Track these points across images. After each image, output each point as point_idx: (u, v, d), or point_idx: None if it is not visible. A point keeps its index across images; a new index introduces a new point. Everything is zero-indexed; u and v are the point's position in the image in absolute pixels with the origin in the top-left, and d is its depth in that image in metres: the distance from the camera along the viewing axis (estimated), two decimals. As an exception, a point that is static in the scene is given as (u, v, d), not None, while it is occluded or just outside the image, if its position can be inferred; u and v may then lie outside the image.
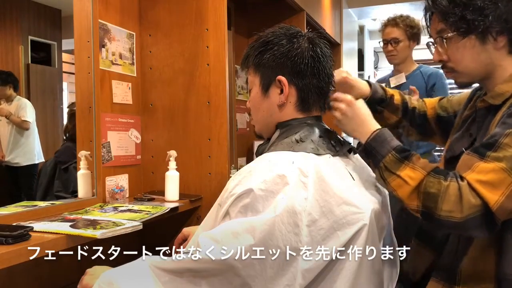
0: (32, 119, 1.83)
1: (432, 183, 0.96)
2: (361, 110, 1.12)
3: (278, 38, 1.10)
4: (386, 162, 1.03)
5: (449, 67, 1.12)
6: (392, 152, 1.03)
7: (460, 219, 0.93)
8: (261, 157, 1.07)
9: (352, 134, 1.13)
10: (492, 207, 0.91)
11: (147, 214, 1.47)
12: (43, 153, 1.90)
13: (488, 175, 0.93)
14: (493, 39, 1.04)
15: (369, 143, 1.08)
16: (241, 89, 2.83)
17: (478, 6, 1.02)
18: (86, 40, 1.65)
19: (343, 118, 1.13)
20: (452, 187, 0.94)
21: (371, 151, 1.07)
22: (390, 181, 1.02)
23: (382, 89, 1.35)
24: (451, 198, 0.94)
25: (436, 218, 0.96)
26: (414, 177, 0.99)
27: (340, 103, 1.13)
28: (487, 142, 0.97)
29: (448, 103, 1.34)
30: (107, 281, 0.92)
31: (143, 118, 1.97)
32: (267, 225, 0.90)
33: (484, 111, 1.09)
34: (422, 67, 2.54)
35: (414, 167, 1.00)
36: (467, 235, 1.04)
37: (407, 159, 1.01)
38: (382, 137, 1.07)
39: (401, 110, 1.37)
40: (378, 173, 1.06)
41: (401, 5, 4.86)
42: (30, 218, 1.35)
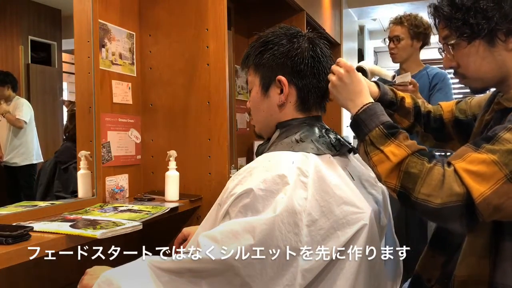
0: (29, 119, 1.83)
1: (415, 163, 0.92)
2: (358, 80, 1.07)
3: (278, 38, 1.11)
4: (372, 136, 0.99)
5: (460, 73, 1.08)
6: (380, 126, 0.99)
7: (437, 205, 0.88)
8: (261, 157, 1.07)
9: (344, 103, 1.08)
10: (475, 198, 0.86)
11: (147, 214, 1.47)
12: (43, 153, 1.90)
13: (478, 165, 0.88)
14: (501, 41, 1.00)
15: (358, 115, 1.03)
16: (241, 89, 2.83)
17: (480, 9, 0.98)
18: (86, 40, 1.65)
19: (338, 84, 1.07)
20: (436, 170, 0.90)
21: (360, 124, 1.02)
22: (372, 156, 0.98)
23: (392, 91, 1.29)
24: (432, 182, 0.89)
25: (413, 201, 0.91)
26: (397, 153, 0.94)
27: (341, 68, 1.08)
28: (487, 136, 0.93)
29: (467, 105, 1.28)
30: (107, 281, 0.92)
31: (143, 118, 1.97)
32: (267, 225, 0.90)
33: (500, 114, 1.04)
34: (428, 68, 2.53)
35: (400, 144, 0.95)
36: (443, 225, 0.99)
37: (393, 135, 0.97)
38: (373, 111, 1.02)
39: (413, 114, 1.31)
40: (362, 147, 1.01)
41: (401, 5, 4.87)
42: (30, 218, 1.35)
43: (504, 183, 0.86)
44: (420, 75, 2.49)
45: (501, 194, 0.86)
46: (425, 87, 2.42)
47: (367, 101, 1.05)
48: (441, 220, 0.93)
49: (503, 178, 0.86)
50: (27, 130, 1.85)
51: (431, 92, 2.43)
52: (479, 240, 1.02)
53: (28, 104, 1.82)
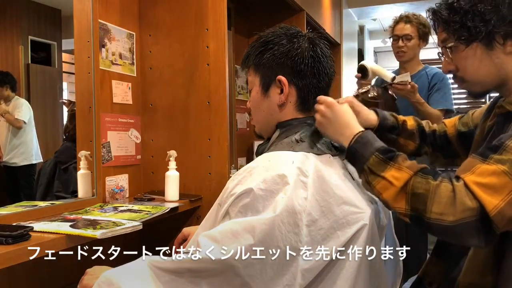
0: (28, 119, 1.83)
1: (420, 183, 0.90)
2: (343, 113, 1.06)
3: (278, 38, 1.11)
4: (370, 164, 0.96)
5: (459, 77, 1.07)
6: (375, 153, 0.97)
7: (451, 223, 0.85)
8: (261, 157, 1.07)
9: (333, 137, 1.07)
10: (489, 212, 0.83)
11: (147, 214, 1.47)
12: (43, 153, 1.90)
13: (488, 177, 0.86)
14: (500, 44, 0.99)
15: (351, 146, 1.01)
16: (241, 89, 2.83)
17: (478, 12, 0.97)
18: (86, 40, 1.65)
19: (323, 121, 1.06)
20: (443, 187, 0.87)
21: (355, 155, 1.00)
22: (375, 184, 0.95)
23: (392, 116, 1.27)
24: (442, 200, 0.87)
25: (426, 222, 0.88)
26: (399, 177, 0.92)
27: (320, 105, 1.07)
28: (493, 145, 0.91)
29: (468, 118, 1.27)
30: (107, 281, 0.92)
31: (143, 118, 1.97)
32: (267, 225, 0.90)
33: (502, 118, 1.03)
34: (428, 68, 2.52)
35: (400, 167, 0.93)
36: (460, 242, 0.96)
37: (392, 159, 0.95)
38: (365, 139, 1.00)
39: (418, 136, 1.29)
40: (363, 178, 0.99)
41: (401, 5, 4.87)
42: (30, 218, 1.35)
43: None
44: (419, 75, 2.48)
45: None
46: (424, 87, 2.42)
47: (356, 130, 1.03)
48: (457, 238, 0.89)
49: None
50: (26, 130, 1.85)
51: (430, 92, 2.42)
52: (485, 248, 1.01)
53: (27, 104, 1.82)
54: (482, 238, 0.86)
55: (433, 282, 1.17)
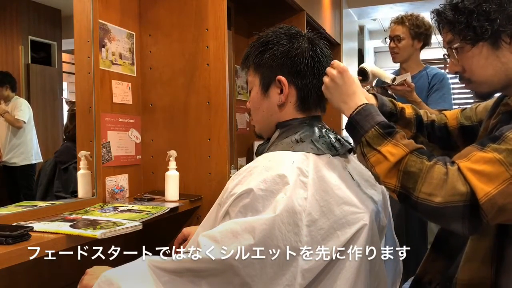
0: (27, 119, 1.82)
1: (414, 162, 0.90)
2: (352, 81, 1.05)
3: (278, 38, 1.11)
4: (368, 136, 0.96)
5: (465, 78, 1.07)
6: (375, 127, 0.97)
7: (438, 204, 0.85)
8: (261, 157, 1.07)
9: (337, 105, 1.06)
10: (480, 198, 0.83)
11: (147, 214, 1.47)
12: (43, 153, 1.90)
13: (483, 165, 0.86)
14: (506, 43, 0.98)
15: (353, 116, 1.01)
16: (241, 89, 2.83)
17: (483, 11, 0.97)
18: (86, 40, 1.65)
19: (331, 85, 1.05)
20: (437, 169, 0.87)
21: (355, 126, 1.00)
22: (370, 157, 0.95)
23: (391, 102, 1.28)
24: (433, 181, 0.87)
25: (413, 200, 0.88)
26: (395, 153, 0.92)
27: (333, 70, 1.06)
28: (493, 135, 0.91)
29: (472, 112, 1.26)
30: (107, 281, 0.92)
31: (143, 118, 1.97)
32: (267, 225, 0.90)
33: (507, 116, 1.02)
34: (428, 68, 2.52)
35: (397, 143, 0.93)
36: (444, 225, 0.96)
37: (390, 135, 0.95)
38: (367, 111, 1.00)
39: (415, 125, 1.29)
40: (358, 149, 0.99)
41: (401, 5, 4.87)
42: (30, 218, 1.35)
43: (511, 183, 0.84)
44: (419, 76, 2.48)
45: (506, 195, 0.84)
46: (424, 88, 2.42)
47: (361, 102, 1.03)
48: (442, 220, 0.89)
49: (509, 178, 0.85)
50: (26, 130, 1.84)
51: (429, 93, 2.42)
52: (482, 243, 1.01)
53: (27, 104, 1.82)
54: (466, 225, 0.86)
55: (432, 280, 1.17)
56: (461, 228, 0.87)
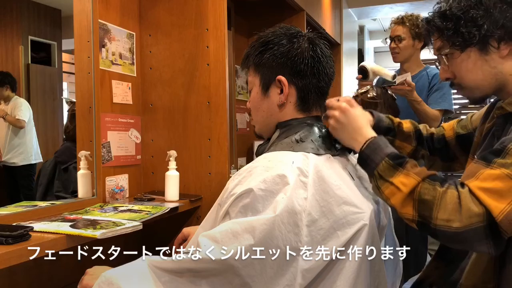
0: (28, 119, 1.82)
1: (427, 190, 0.90)
2: (356, 118, 1.08)
3: (278, 38, 1.10)
4: (380, 169, 0.98)
5: (456, 84, 1.08)
6: (385, 159, 0.98)
7: (457, 229, 0.86)
8: (261, 157, 1.07)
9: (347, 143, 1.08)
10: (496, 216, 0.83)
11: (147, 214, 1.47)
12: (43, 153, 1.90)
13: (493, 182, 0.86)
14: (494, 48, 1.00)
15: (363, 151, 1.03)
16: (241, 89, 2.83)
17: (470, 18, 0.99)
18: (86, 40, 1.65)
19: (337, 126, 1.08)
20: (450, 194, 0.88)
21: (366, 160, 1.02)
22: (384, 189, 0.96)
23: (388, 118, 1.28)
24: (448, 206, 0.87)
25: (432, 228, 0.89)
26: (407, 183, 0.93)
27: (334, 111, 1.09)
28: (495, 149, 0.91)
29: (467, 121, 1.27)
30: (107, 281, 0.92)
31: (143, 118, 1.97)
32: (267, 225, 0.90)
33: (502, 120, 1.03)
34: (428, 68, 2.52)
35: (408, 173, 0.94)
36: (470, 249, 0.97)
37: (401, 165, 0.96)
38: (376, 145, 1.02)
39: (414, 138, 1.29)
40: (373, 183, 1.01)
41: (401, 5, 4.87)
42: (30, 218, 1.35)
43: None
44: (420, 76, 2.48)
45: None
46: (424, 88, 2.42)
47: (369, 136, 1.04)
48: (466, 244, 0.89)
49: None
50: (26, 130, 1.84)
51: (429, 93, 2.42)
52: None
53: (27, 104, 1.82)
54: (491, 244, 0.86)
55: (433, 284, 1.18)
56: (487, 249, 0.87)
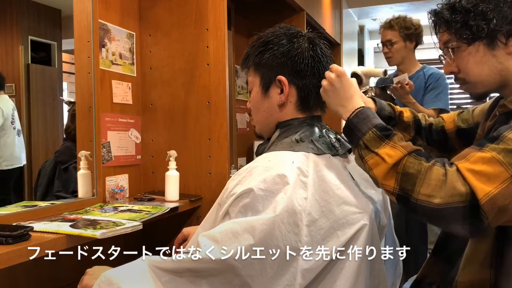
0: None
1: (412, 163, 0.89)
2: (350, 86, 1.05)
3: (278, 38, 1.11)
4: (366, 139, 0.96)
5: (460, 78, 1.07)
6: (373, 129, 0.97)
7: (437, 205, 0.84)
8: (261, 156, 1.07)
9: (335, 108, 1.06)
10: (480, 198, 0.82)
11: (147, 214, 1.47)
12: (43, 153, 1.89)
13: (483, 165, 0.85)
14: (502, 43, 0.99)
15: (350, 120, 1.01)
16: (241, 89, 2.83)
17: (479, 11, 0.98)
18: (86, 40, 1.65)
19: (329, 89, 1.05)
20: (435, 170, 0.87)
21: (352, 129, 1.00)
22: (368, 159, 0.95)
23: (390, 106, 1.28)
24: (432, 182, 0.86)
25: (412, 202, 0.88)
26: (392, 155, 0.92)
27: (331, 73, 1.06)
28: (491, 136, 0.91)
29: (469, 114, 1.27)
30: (107, 281, 0.92)
31: (143, 118, 1.97)
32: (267, 225, 0.90)
33: (504, 117, 1.02)
34: (425, 68, 2.52)
35: (395, 145, 0.93)
36: (444, 227, 0.96)
37: (388, 137, 0.95)
38: (365, 114, 1.00)
39: (413, 128, 1.29)
40: (357, 152, 1.00)
41: (401, 5, 4.87)
42: (30, 218, 1.35)
43: (511, 183, 0.84)
44: (416, 76, 2.49)
45: (507, 195, 0.83)
46: (421, 87, 2.42)
47: (358, 105, 1.03)
48: (442, 222, 0.89)
49: (509, 178, 0.84)
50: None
51: (425, 92, 2.43)
52: (482, 246, 1.00)
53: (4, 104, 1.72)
54: (467, 226, 0.85)
55: (433, 282, 1.18)
56: (462, 230, 0.86)
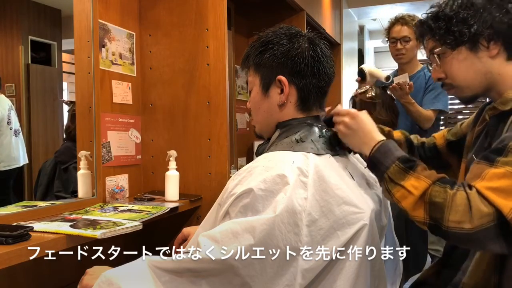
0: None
1: (438, 192, 0.91)
2: (366, 122, 1.09)
3: (278, 38, 1.11)
4: (390, 173, 0.99)
5: (448, 84, 1.12)
6: (396, 162, 0.99)
7: (470, 230, 0.87)
8: (261, 157, 1.07)
9: (358, 148, 1.09)
10: (507, 214, 0.84)
11: (147, 214, 1.47)
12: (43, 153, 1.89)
13: (499, 181, 0.87)
14: (484, 47, 1.04)
15: (373, 155, 1.04)
16: (241, 89, 2.83)
17: (461, 18, 1.04)
18: (86, 40, 1.65)
19: (348, 132, 1.09)
20: (459, 196, 0.89)
21: (376, 164, 1.03)
22: (395, 193, 0.97)
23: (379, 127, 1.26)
24: (459, 208, 0.88)
25: (444, 230, 0.90)
26: (418, 186, 0.94)
27: (344, 117, 1.10)
28: (496, 148, 0.93)
29: (457, 128, 1.31)
30: (107, 281, 0.92)
31: (143, 118, 1.97)
32: (267, 225, 0.90)
33: (495, 120, 1.06)
34: (426, 68, 2.51)
35: (419, 176, 0.95)
36: (482, 249, 0.99)
37: (411, 169, 0.97)
38: (386, 148, 1.03)
39: (406, 146, 1.32)
40: (383, 186, 1.02)
41: (401, 5, 4.87)
42: (30, 218, 1.35)
43: None
44: (417, 76, 2.48)
45: None
46: (421, 88, 2.41)
47: (378, 139, 1.06)
48: (478, 245, 0.91)
49: None
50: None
51: (425, 92, 2.42)
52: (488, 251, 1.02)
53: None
54: (503, 243, 0.87)
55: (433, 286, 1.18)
56: (499, 248, 0.88)
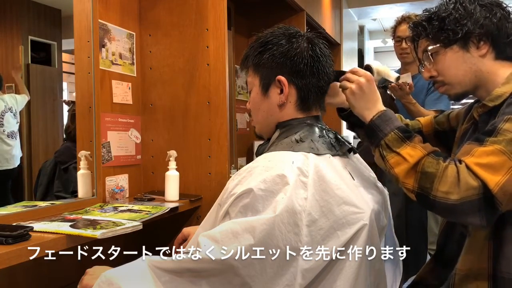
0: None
1: (431, 163, 0.96)
2: (375, 90, 1.11)
3: (277, 38, 1.10)
4: (388, 140, 1.03)
5: (439, 81, 1.15)
6: (395, 130, 1.03)
7: (455, 201, 0.92)
8: (261, 157, 1.07)
9: (361, 110, 1.10)
10: (492, 189, 0.90)
11: (147, 214, 1.47)
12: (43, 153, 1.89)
13: (487, 158, 0.92)
14: (475, 46, 1.09)
15: (374, 121, 1.07)
16: (241, 89, 2.83)
17: (454, 18, 1.08)
18: (86, 40, 1.65)
19: (358, 93, 1.10)
20: (450, 168, 0.94)
21: (374, 129, 1.06)
22: (389, 159, 1.02)
23: None
24: (448, 179, 0.93)
25: (431, 200, 0.95)
26: (413, 154, 0.99)
27: (361, 77, 1.10)
28: (487, 130, 0.98)
29: (444, 117, 1.34)
30: (107, 281, 0.92)
31: (143, 118, 1.97)
32: (267, 225, 0.90)
33: (485, 116, 1.10)
34: None
35: (415, 146, 1.00)
36: (462, 221, 1.01)
37: (409, 138, 1.02)
38: (388, 116, 1.07)
39: None
40: (377, 151, 1.05)
41: (401, 5, 4.87)
42: (30, 218, 1.35)
43: None
44: (420, 76, 2.47)
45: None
46: (424, 88, 2.41)
47: (382, 108, 1.09)
48: (460, 216, 0.94)
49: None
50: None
51: (427, 93, 2.42)
52: (480, 235, 1.05)
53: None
54: (483, 216, 0.92)
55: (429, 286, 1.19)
56: (479, 221, 0.93)
